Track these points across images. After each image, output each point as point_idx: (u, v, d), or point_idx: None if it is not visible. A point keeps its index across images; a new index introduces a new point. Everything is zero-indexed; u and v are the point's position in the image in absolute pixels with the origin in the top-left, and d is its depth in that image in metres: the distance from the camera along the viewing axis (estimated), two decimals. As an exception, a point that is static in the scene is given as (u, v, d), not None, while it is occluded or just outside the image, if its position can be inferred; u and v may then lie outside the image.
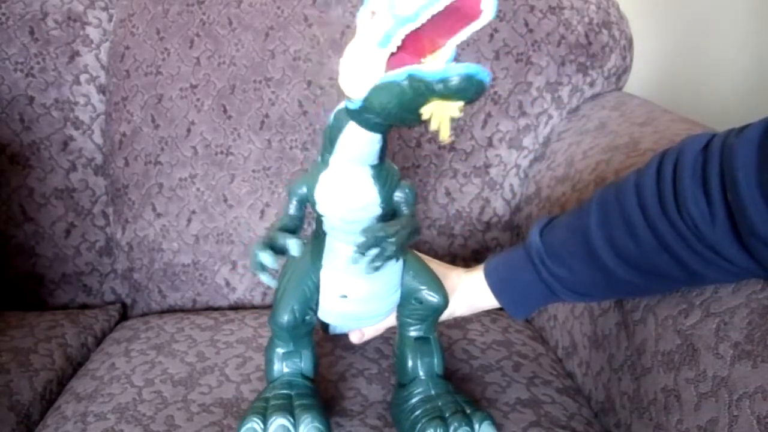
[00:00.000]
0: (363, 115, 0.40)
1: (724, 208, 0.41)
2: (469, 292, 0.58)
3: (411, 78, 0.34)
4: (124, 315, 0.86)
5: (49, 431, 0.58)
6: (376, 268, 0.44)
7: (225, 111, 0.81)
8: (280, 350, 0.55)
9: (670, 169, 0.44)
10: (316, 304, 0.53)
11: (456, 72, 0.33)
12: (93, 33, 0.86)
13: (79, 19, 0.85)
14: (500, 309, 0.58)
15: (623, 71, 0.88)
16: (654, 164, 0.46)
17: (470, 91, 0.33)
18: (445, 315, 0.57)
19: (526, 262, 0.54)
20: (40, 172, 0.83)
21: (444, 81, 0.33)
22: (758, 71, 1.20)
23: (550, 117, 0.85)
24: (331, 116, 0.43)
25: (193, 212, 0.81)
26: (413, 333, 0.55)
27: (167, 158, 0.81)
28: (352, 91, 0.38)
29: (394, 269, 0.52)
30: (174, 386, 0.61)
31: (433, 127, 0.35)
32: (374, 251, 0.43)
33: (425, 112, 0.35)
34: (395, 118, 0.38)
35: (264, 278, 0.46)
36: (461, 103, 0.34)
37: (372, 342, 0.67)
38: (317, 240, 0.51)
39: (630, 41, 0.88)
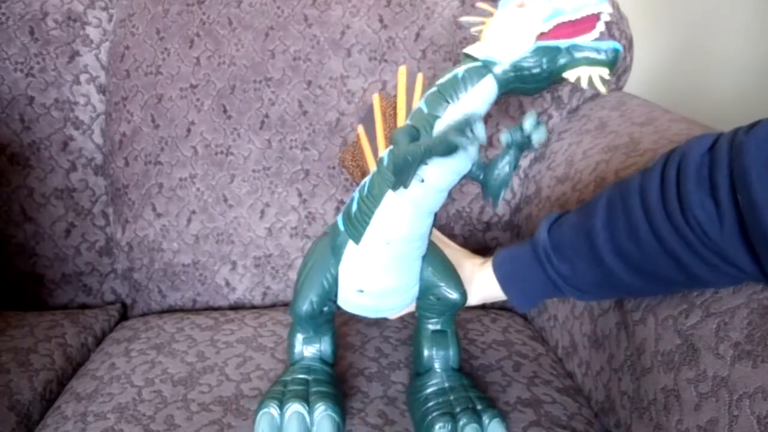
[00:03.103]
0: (507, 74, 0.44)
1: (733, 211, 0.40)
2: (482, 285, 0.58)
3: (573, 47, 0.42)
4: (124, 315, 0.86)
5: (49, 431, 0.58)
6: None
7: (225, 111, 0.81)
8: (300, 335, 0.57)
9: (673, 173, 0.44)
10: (336, 295, 0.54)
11: (608, 46, 0.42)
12: (93, 33, 0.86)
13: (79, 19, 0.85)
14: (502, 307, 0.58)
15: (623, 71, 0.88)
16: (658, 167, 0.46)
17: (614, 62, 0.42)
18: None
19: (533, 258, 0.54)
20: (40, 172, 0.83)
21: (599, 51, 0.42)
22: (759, 71, 1.20)
23: (550, 117, 0.85)
24: (460, 71, 0.45)
25: (193, 212, 0.81)
26: (431, 326, 0.56)
27: (167, 158, 0.81)
28: (506, 53, 0.43)
29: (412, 265, 0.52)
30: (174, 386, 0.61)
31: (584, 84, 0.43)
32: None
33: (571, 75, 0.43)
34: (536, 79, 0.44)
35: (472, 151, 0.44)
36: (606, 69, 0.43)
37: (372, 341, 0.67)
38: (336, 234, 0.51)
39: (630, 41, 0.88)
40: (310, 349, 0.57)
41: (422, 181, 0.46)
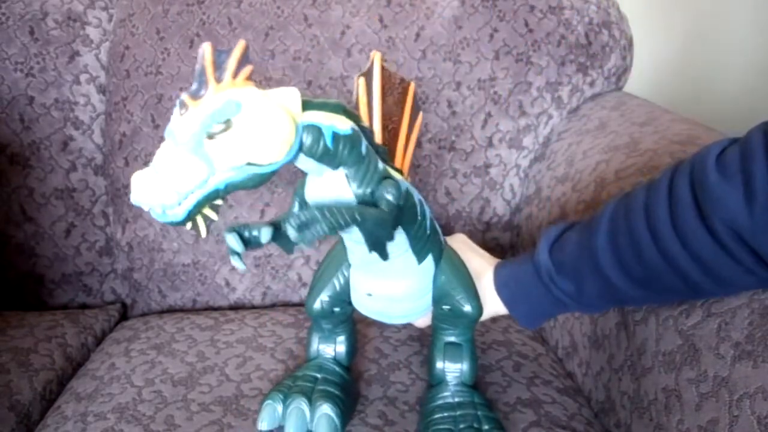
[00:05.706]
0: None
1: None
2: (490, 301, 0.57)
3: None
4: (124, 315, 0.86)
5: (49, 431, 0.58)
6: (306, 242, 0.41)
7: (225, 111, 0.81)
8: (317, 333, 0.57)
9: (685, 184, 0.43)
10: (349, 297, 0.54)
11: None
12: (93, 33, 0.86)
13: (79, 19, 0.85)
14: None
15: (623, 71, 0.88)
16: (664, 182, 0.45)
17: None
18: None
19: (536, 280, 0.53)
20: (40, 172, 0.83)
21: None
22: (758, 71, 1.20)
23: (550, 117, 0.85)
24: None
25: (193, 212, 0.81)
26: (445, 337, 0.55)
27: (167, 158, 0.81)
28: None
29: (423, 272, 0.51)
30: (174, 386, 0.61)
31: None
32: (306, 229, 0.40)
33: None
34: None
35: (234, 261, 0.43)
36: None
37: (372, 342, 0.67)
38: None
39: (630, 41, 0.88)
40: (324, 347, 0.57)
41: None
